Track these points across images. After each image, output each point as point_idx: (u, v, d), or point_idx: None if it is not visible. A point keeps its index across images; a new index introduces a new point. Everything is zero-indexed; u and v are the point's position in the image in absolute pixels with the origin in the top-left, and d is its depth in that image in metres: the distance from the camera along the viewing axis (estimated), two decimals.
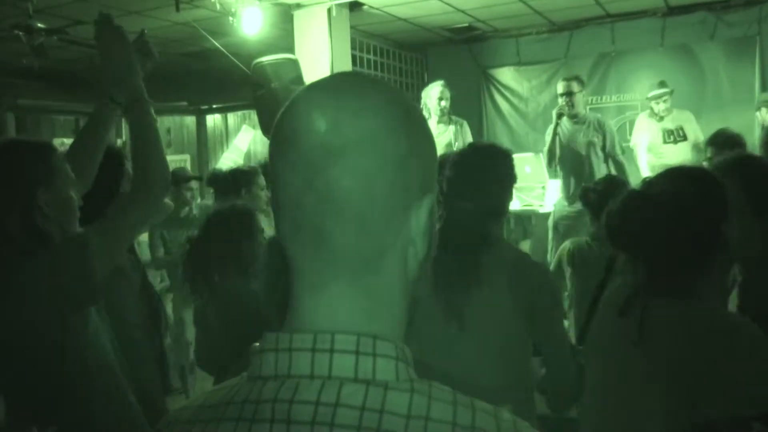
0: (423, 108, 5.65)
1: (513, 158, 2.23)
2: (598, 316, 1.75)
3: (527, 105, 8.18)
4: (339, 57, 6.21)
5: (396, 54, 8.33)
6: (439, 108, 5.68)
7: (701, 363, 1.44)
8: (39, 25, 5.47)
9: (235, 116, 10.58)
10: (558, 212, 5.50)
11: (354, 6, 6.33)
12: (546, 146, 5.55)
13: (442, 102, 5.70)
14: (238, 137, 9.57)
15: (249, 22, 5.83)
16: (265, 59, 5.67)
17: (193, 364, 4.72)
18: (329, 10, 6.06)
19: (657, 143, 6.09)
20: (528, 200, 6.24)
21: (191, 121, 10.85)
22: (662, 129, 6.10)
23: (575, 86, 5.52)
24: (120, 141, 7.12)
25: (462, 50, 8.32)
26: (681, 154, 5.80)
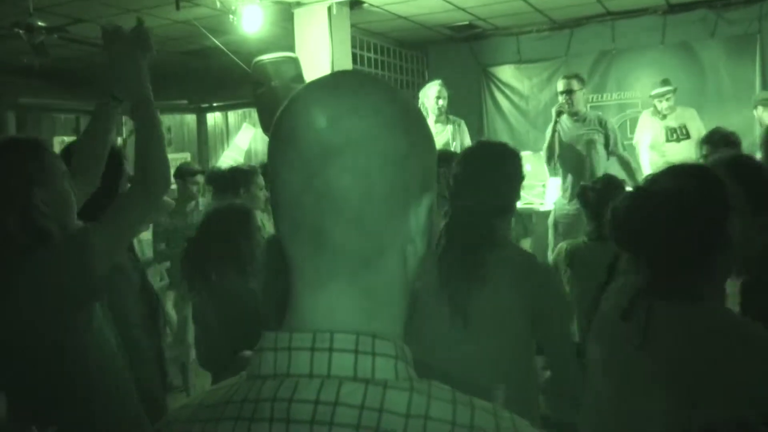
0: (421, 107, 5.63)
1: (521, 158, 2.21)
2: (600, 318, 1.73)
3: (528, 103, 8.18)
4: (339, 55, 6.20)
5: (396, 52, 8.32)
6: (437, 107, 5.66)
7: (702, 363, 1.43)
8: (39, 24, 5.47)
9: (236, 114, 10.58)
10: (558, 210, 5.49)
11: (354, 4, 6.32)
12: (545, 143, 5.54)
13: (440, 101, 5.68)
14: (239, 135, 9.57)
15: (249, 21, 5.83)
16: (266, 57, 5.66)
17: (194, 363, 4.72)
18: (329, 8, 6.05)
19: (660, 141, 6.08)
20: (528, 198, 6.23)
21: (192, 120, 10.86)
22: (665, 127, 6.09)
23: (575, 84, 5.50)
24: (120, 139, 7.12)
25: (462, 48, 8.31)
26: (684, 152, 5.79)
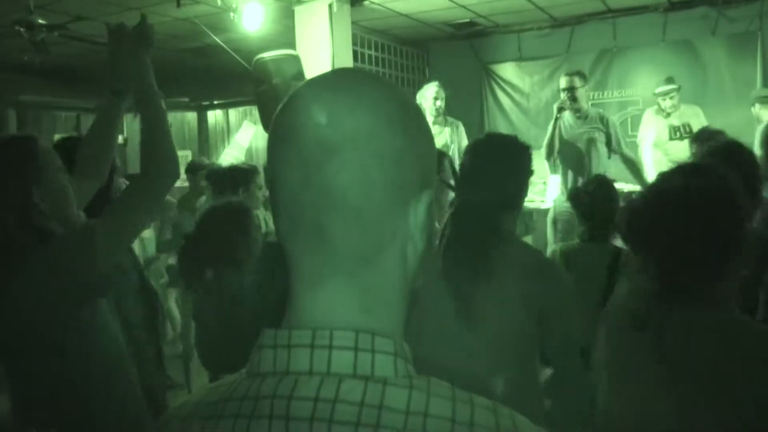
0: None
1: (531, 152, 2.15)
2: (608, 324, 1.64)
3: (529, 101, 8.17)
4: (340, 53, 6.20)
5: (397, 50, 8.31)
6: (435, 108, 5.62)
7: (723, 374, 1.37)
8: (40, 21, 5.47)
9: (237, 112, 10.59)
10: (557, 208, 5.48)
11: (355, 1, 6.32)
12: (546, 139, 5.52)
13: (438, 102, 5.65)
14: (240, 133, 9.58)
15: (250, 18, 5.83)
16: (267, 55, 5.66)
17: (197, 360, 4.72)
18: (330, 6, 6.05)
19: (663, 139, 6.07)
20: (529, 196, 6.21)
21: (192, 117, 10.87)
22: (669, 125, 6.08)
23: (577, 81, 5.50)
24: (121, 138, 7.11)
25: (463, 46, 8.29)
26: (687, 151, 5.78)
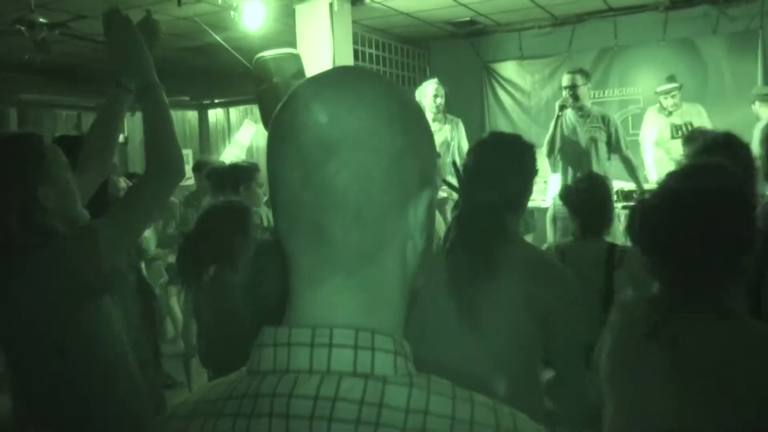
0: None
1: (535, 151, 2.14)
2: (617, 336, 1.57)
3: (530, 99, 8.17)
4: (341, 51, 6.19)
5: (398, 48, 8.31)
6: (435, 105, 5.63)
7: (744, 386, 1.33)
8: (41, 20, 5.47)
9: (237, 111, 10.58)
10: (557, 206, 5.46)
11: (356, 0, 6.32)
12: (547, 137, 5.52)
13: (438, 99, 5.65)
14: (240, 132, 9.58)
15: (251, 17, 5.82)
16: (267, 54, 5.66)
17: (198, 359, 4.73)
18: (331, 5, 6.04)
19: (665, 138, 6.07)
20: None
21: (193, 116, 10.86)
22: (670, 124, 6.08)
23: (579, 79, 5.50)
24: (121, 136, 7.12)
25: (464, 44, 8.29)
26: None
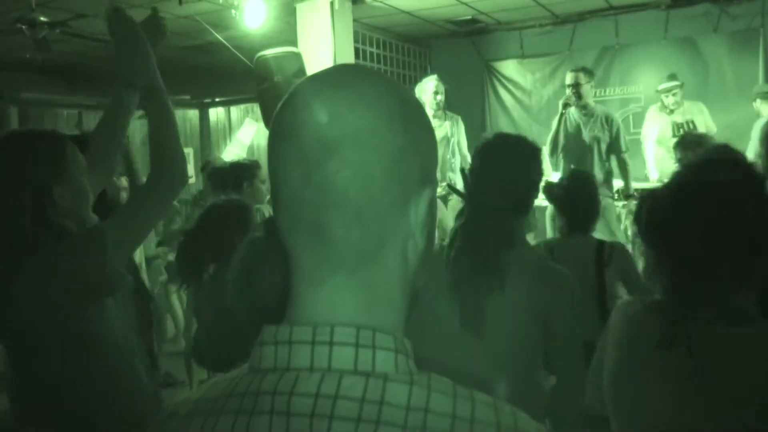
0: None
1: (541, 152, 2.12)
2: (623, 345, 1.45)
3: (530, 98, 8.17)
4: (342, 50, 6.19)
5: (399, 47, 8.30)
6: (435, 102, 5.62)
7: None
8: (42, 19, 5.47)
9: (238, 110, 10.57)
10: None
11: None
12: (550, 135, 5.51)
13: (438, 96, 5.64)
14: (241, 131, 9.58)
15: (252, 16, 5.82)
16: (268, 52, 5.65)
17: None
18: (332, 3, 6.03)
19: (667, 136, 6.07)
20: None
21: (194, 115, 10.85)
22: (672, 122, 6.08)
23: (583, 78, 5.50)
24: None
25: (465, 43, 8.28)
26: None
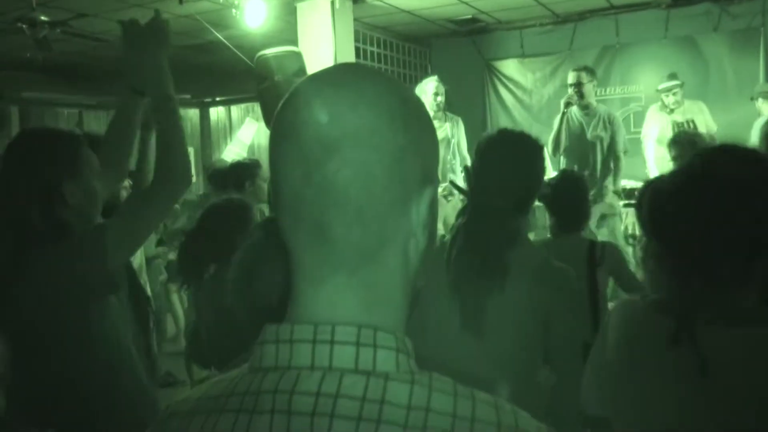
0: None
1: (544, 149, 2.09)
2: (624, 345, 1.42)
3: (531, 97, 8.17)
4: (342, 49, 6.19)
5: (399, 46, 8.30)
6: (435, 103, 5.61)
7: None
8: (42, 18, 5.48)
9: (239, 109, 10.58)
10: None
11: None
12: (552, 134, 5.51)
13: (438, 97, 5.63)
14: (242, 130, 9.59)
15: (252, 15, 5.82)
16: (269, 52, 5.65)
17: None
18: (332, 3, 6.03)
19: (667, 136, 6.06)
20: None
21: (194, 114, 10.86)
22: (672, 121, 6.08)
23: (585, 77, 5.49)
24: None
25: (466, 42, 8.28)
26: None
